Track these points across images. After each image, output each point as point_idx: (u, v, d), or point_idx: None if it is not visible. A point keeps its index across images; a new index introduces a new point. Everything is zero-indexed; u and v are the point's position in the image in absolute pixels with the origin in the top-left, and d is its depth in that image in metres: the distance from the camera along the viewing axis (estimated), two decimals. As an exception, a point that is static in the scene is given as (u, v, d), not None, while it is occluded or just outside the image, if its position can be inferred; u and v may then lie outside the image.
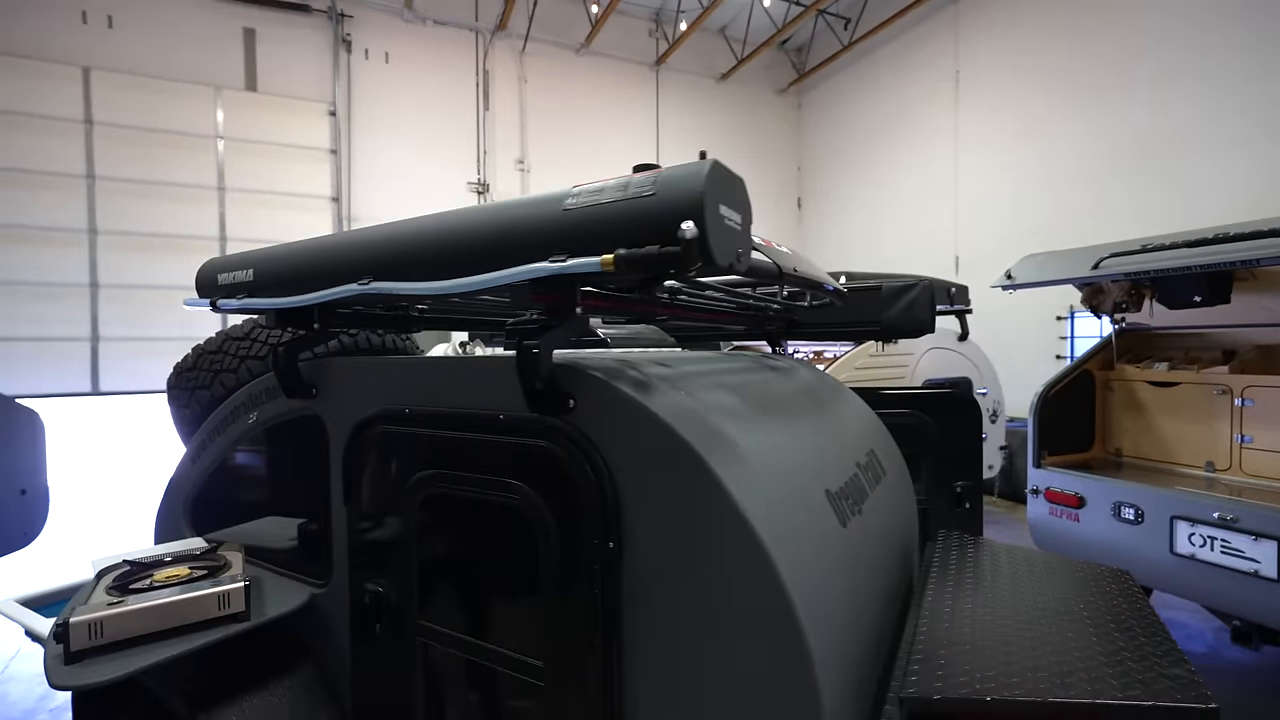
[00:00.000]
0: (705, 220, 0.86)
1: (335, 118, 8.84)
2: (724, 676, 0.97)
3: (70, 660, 1.23)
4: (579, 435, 1.09)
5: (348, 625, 1.47)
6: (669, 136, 11.20)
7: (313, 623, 1.60)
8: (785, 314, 2.22)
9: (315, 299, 1.34)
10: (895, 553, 1.56)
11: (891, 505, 1.67)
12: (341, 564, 1.52)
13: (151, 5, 8.00)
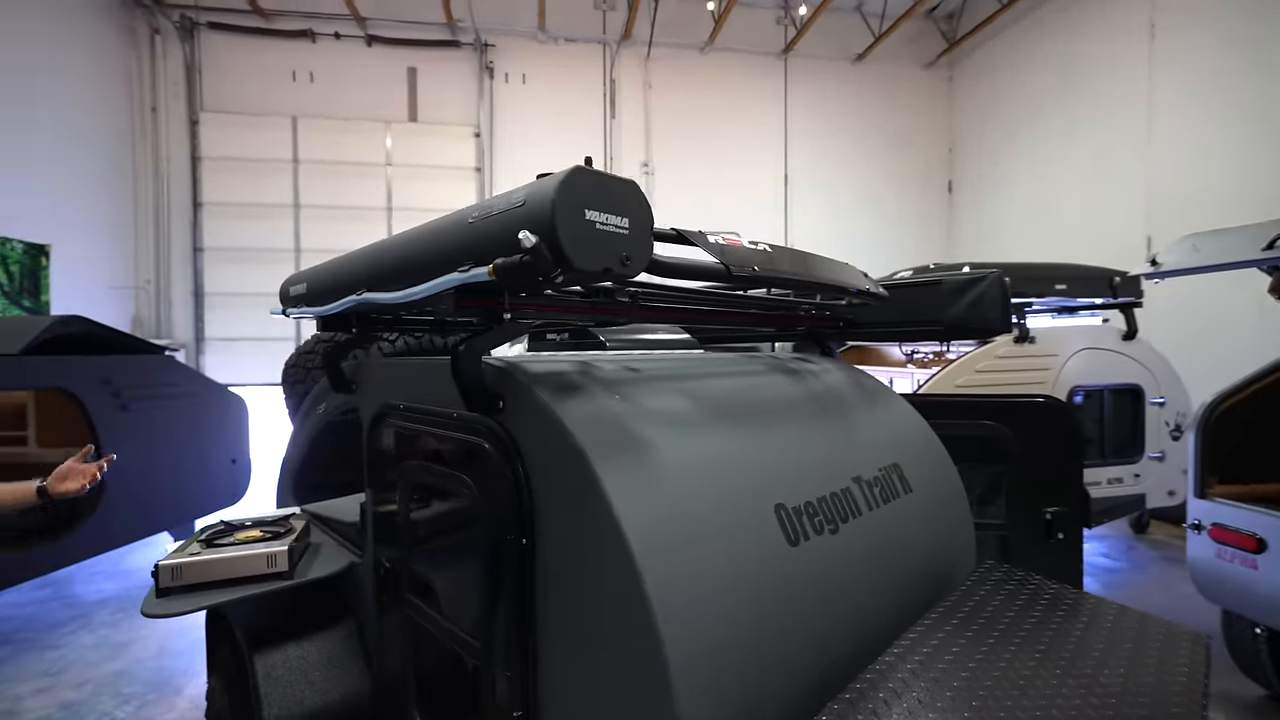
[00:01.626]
0: (557, 227, 0.87)
1: (479, 138, 9.79)
2: (605, 677, 0.97)
3: (159, 595, 1.57)
4: (505, 435, 1.15)
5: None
6: (799, 126, 10.75)
7: (353, 587, 1.84)
8: (832, 315, 2.07)
9: (332, 309, 1.56)
10: (897, 578, 1.40)
11: (908, 526, 1.49)
12: (369, 538, 1.74)
13: (340, 59, 9.51)
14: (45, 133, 7.47)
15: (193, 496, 4.59)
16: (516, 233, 0.94)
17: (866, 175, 10.96)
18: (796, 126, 10.74)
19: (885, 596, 1.34)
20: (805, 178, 10.74)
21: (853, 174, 10.89)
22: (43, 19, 7.46)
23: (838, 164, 10.85)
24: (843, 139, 10.85)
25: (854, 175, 10.90)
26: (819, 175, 10.77)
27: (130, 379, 4.18)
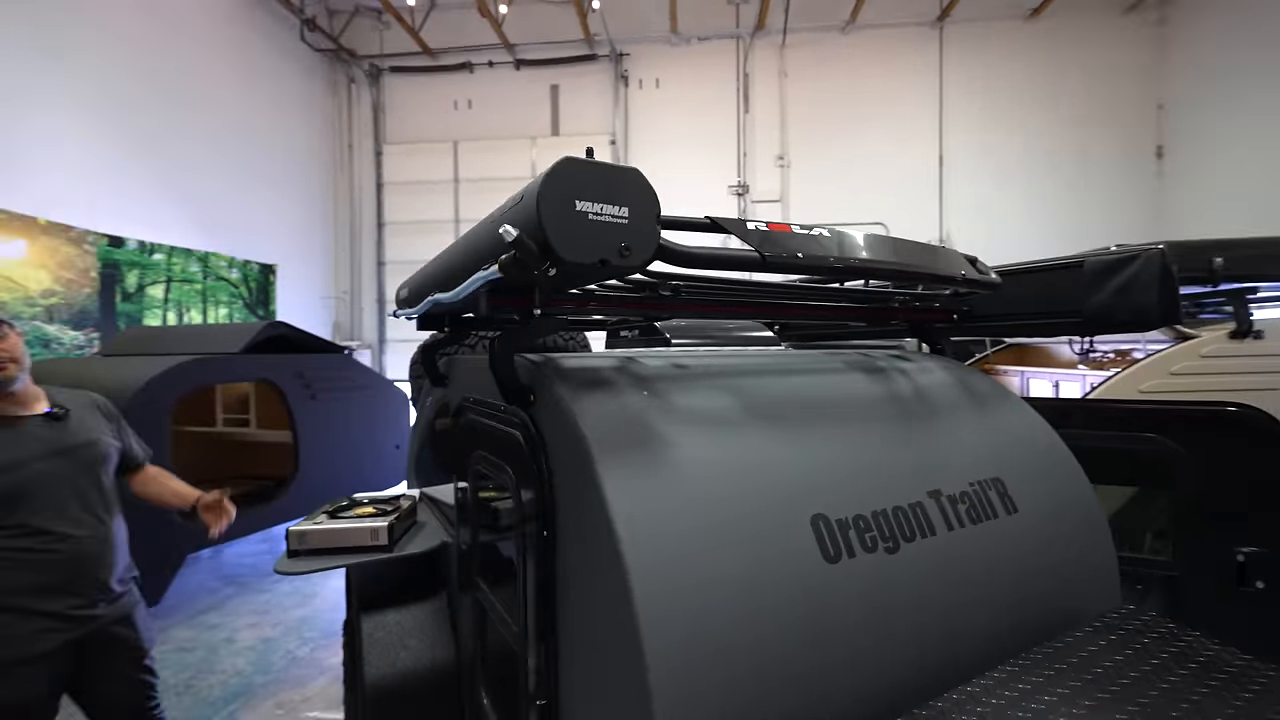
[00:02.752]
0: (542, 219, 0.87)
1: (615, 145, 10.16)
2: (601, 679, 0.95)
3: (289, 555, 1.84)
4: (534, 428, 1.18)
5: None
6: (956, 101, 9.65)
7: (446, 565, 2.01)
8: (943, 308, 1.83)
9: (417, 311, 1.71)
10: (982, 611, 1.19)
11: (1006, 552, 1.26)
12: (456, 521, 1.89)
13: (493, 85, 10.45)
14: (271, 174, 9.17)
15: (365, 474, 5.33)
16: (515, 230, 0.96)
17: (1043, 148, 9.50)
18: (953, 101, 9.65)
19: (961, 630, 1.14)
20: (964, 158, 9.61)
21: (1024, 148, 9.51)
22: (270, 81, 9.16)
23: (1005, 139, 9.55)
24: (1011, 110, 9.52)
25: (1026, 150, 9.51)
26: (980, 153, 9.57)
27: (318, 373, 4.97)
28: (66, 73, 6.13)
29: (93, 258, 6.26)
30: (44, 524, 1.80)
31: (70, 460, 1.89)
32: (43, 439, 1.86)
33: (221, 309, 7.98)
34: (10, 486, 1.76)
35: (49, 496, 1.82)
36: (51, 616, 1.79)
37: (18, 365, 1.83)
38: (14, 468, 1.77)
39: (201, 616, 4.11)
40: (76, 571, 1.84)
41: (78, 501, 1.88)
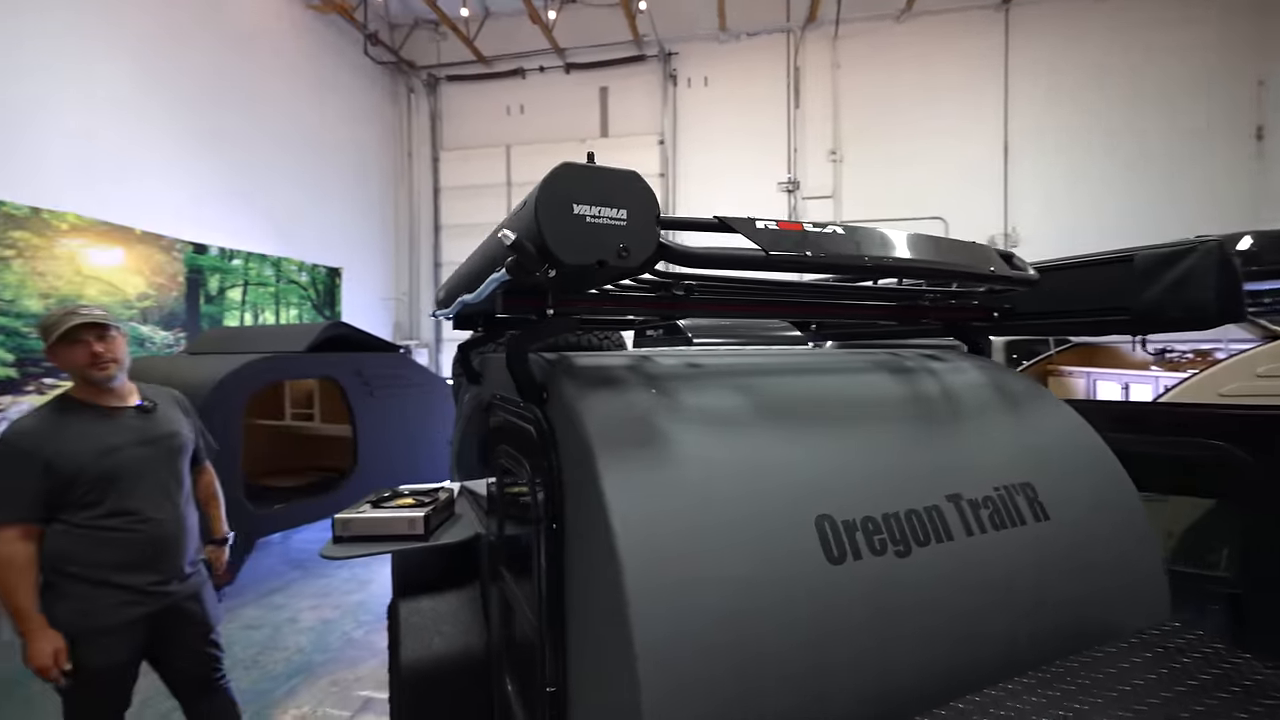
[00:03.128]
0: (540, 222, 0.90)
1: (663, 145, 10.18)
2: (600, 672, 0.97)
3: (335, 541, 1.96)
4: (546, 425, 1.22)
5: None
6: (1023, 88, 9.13)
7: (480, 556, 2.09)
8: (982, 305, 1.77)
9: (449, 311, 1.78)
10: (1001, 619, 1.14)
11: (1031, 560, 1.21)
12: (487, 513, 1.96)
13: (544, 89, 10.67)
14: (337, 182, 9.70)
15: (419, 467, 5.56)
16: (513, 234, 0.99)
17: (1122, 134, 8.84)
18: (1020, 88, 9.14)
19: (975, 637, 1.10)
20: (1031, 147, 9.08)
21: (1100, 135, 8.89)
22: (336, 94, 9.68)
23: (1077, 125, 8.96)
24: (1084, 94, 8.92)
25: (1102, 136, 8.89)
26: (1049, 142, 9.02)
27: (375, 371, 5.23)
28: (157, 94, 6.70)
29: (180, 264, 6.81)
30: (131, 505, 1.96)
31: (156, 449, 2.07)
32: (134, 428, 2.04)
33: (292, 310, 8.50)
34: (107, 469, 1.92)
35: (137, 480, 1.99)
36: (132, 590, 1.96)
37: (118, 365, 2.01)
38: (111, 452, 1.94)
39: (269, 597, 4.41)
40: (155, 551, 2.01)
41: (159, 487, 2.05)
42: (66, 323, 1.90)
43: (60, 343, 1.90)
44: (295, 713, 2.95)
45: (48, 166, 5.62)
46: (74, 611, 1.88)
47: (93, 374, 1.95)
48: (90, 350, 1.93)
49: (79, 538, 1.89)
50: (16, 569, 1.81)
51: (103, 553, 1.92)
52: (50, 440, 1.87)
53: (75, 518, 1.90)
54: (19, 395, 5.23)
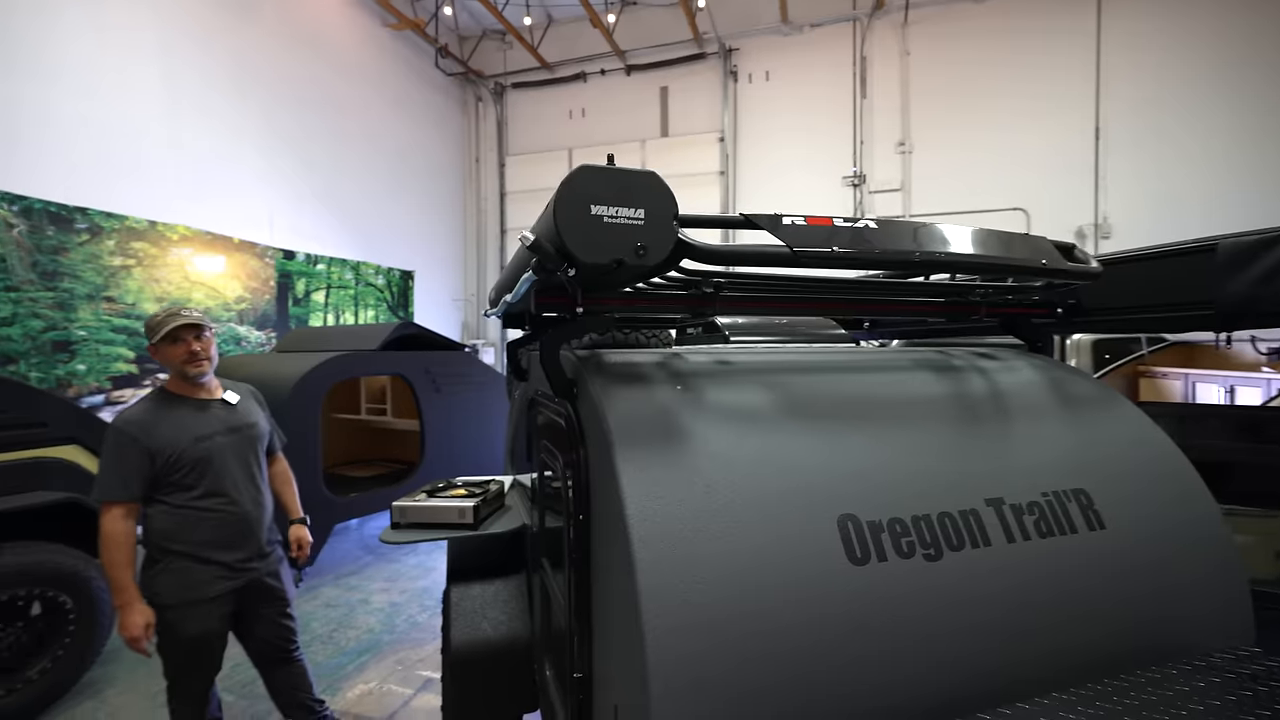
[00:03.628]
0: (558, 224, 0.94)
1: (723, 143, 10.09)
2: (621, 658, 1.00)
3: (392, 527, 2.09)
4: (576, 419, 1.26)
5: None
6: (1118, 64, 8.41)
7: (527, 545, 2.17)
8: (1043, 301, 1.67)
9: (496, 311, 1.86)
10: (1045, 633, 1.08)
11: (1082, 571, 1.14)
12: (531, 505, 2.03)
13: (605, 93, 10.81)
14: (411, 189, 10.22)
15: (482, 461, 5.79)
16: (532, 235, 1.03)
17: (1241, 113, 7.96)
18: (1115, 64, 8.43)
19: (1008, 648, 1.05)
20: (1127, 129, 8.36)
21: (1210, 111, 8.06)
22: (410, 105, 10.21)
23: (1184, 104, 8.16)
24: (1191, 68, 8.12)
25: (1215, 116, 8.05)
26: (1150, 123, 8.26)
27: (442, 369, 5.49)
28: (251, 112, 7.30)
29: (272, 269, 7.40)
30: (221, 488, 2.15)
31: (239, 438, 2.25)
32: (221, 419, 2.23)
33: (369, 311, 9.04)
34: (201, 454, 2.11)
35: (224, 466, 2.17)
36: (223, 566, 2.16)
37: (210, 362, 2.20)
38: (204, 440, 2.13)
39: (345, 579, 4.72)
40: (242, 530, 2.19)
41: (244, 472, 2.24)
42: (170, 323, 2.08)
43: (163, 341, 2.09)
44: (363, 687, 3.15)
45: (160, 182, 6.25)
46: (176, 584, 2.07)
47: (189, 370, 2.14)
48: (189, 348, 2.12)
49: (180, 518, 2.08)
50: (119, 544, 1.98)
51: (199, 531, 2.10)
52: (152, 428, 2.06)
53: (175, 499, 2.08)
54: (139, 389, 5.85)
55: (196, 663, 2.15)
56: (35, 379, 5.15)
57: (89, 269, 5.58)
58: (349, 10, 8.98)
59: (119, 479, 2.01)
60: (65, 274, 5.41)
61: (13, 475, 2.95)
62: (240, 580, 2.19)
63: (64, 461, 3.13)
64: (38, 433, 3.08)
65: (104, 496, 2.01)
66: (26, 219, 5.16)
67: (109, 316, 5.70)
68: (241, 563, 2.19)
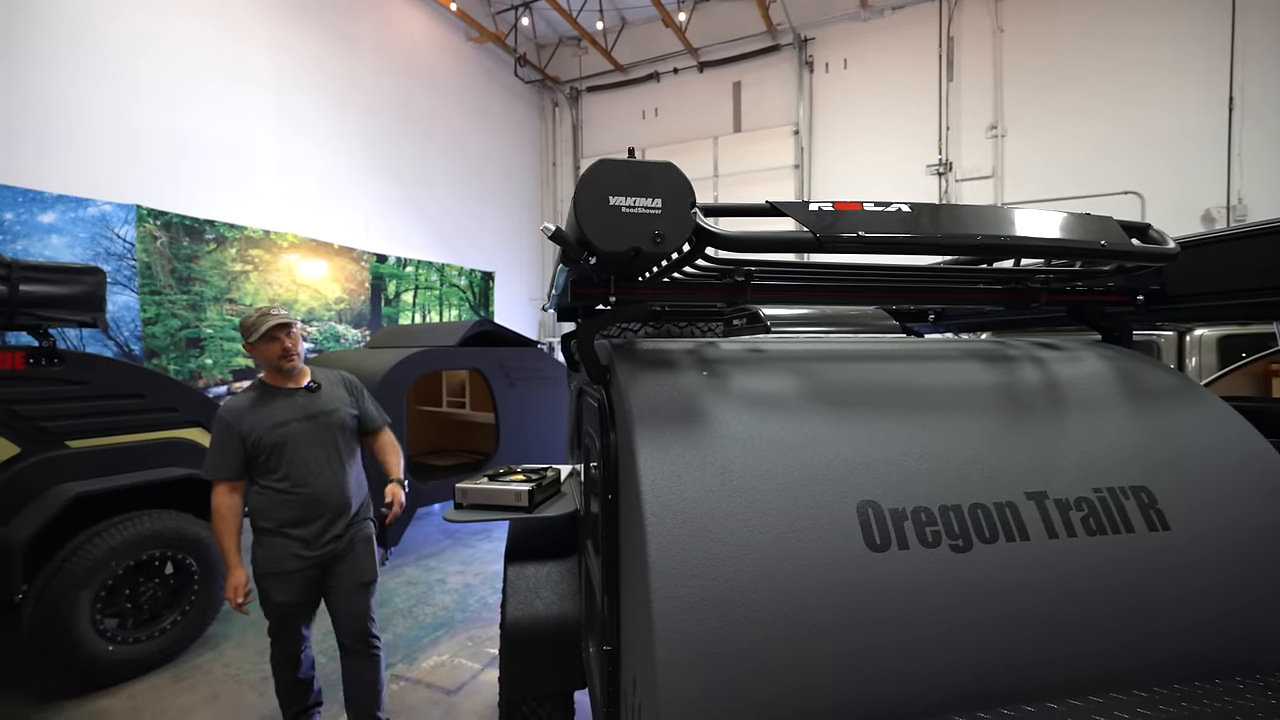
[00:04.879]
0: (578, 215, 0.99)
1: (798, 135, 9.84)
2: (637, 637, 1.04)
3: (456, 508, 2.24)
4: (608, 404, 1.31)
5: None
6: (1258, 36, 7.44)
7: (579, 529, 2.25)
8: (1118, 288, 1.55)
9: (551, 304, 1.96)
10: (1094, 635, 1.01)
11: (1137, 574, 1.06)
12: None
13: (678, 91, 10.85)
14: (492, 193, 10.72)
15: (552, 451, 6.01)
16: (552, 226, 1.09)
17: None
18: (1255, 26, 7.44)
19: (1050, 648, 0.99)
20: (1267, 100, 7.37)
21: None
22: (491, 114, 10.70)
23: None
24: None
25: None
26: (1295, 87, 7.24)
27: (515, 364, 5.75)
28: (349, 129, 7.95)
29: (366, 272, 8.02)
30: (295, 471, 2.31)
31: (315, 424, 2.39)
32: (299, 406, 2.39)
33: (453, 310, 9.58)
34: (278, 439, 2.29)
35: (298, 450, 2.33)
36: (299, 542, 2.30)
37: (299, 356, 2.41)
38: (279, 426, 2.31)
39: (425, 560, 5.06)
40: (315, 510, 2.34)
41: (319, 455, 2.36)
42: (265, 323, 2.28)
43: (261, 340, 2.30)
44: (437, 659, 3.38)
45: (272, 195, 6.94)
46: (264, 557, 2.31)
47: (283, 364, 2.35)
48: (283, 345, 2.33)
49: (266, 498, 2.31)
50: (222, 517, 2.25)
51: (279, 511, 2.30)
52: (243, 415, 2.29)
53: (262, 480, 2.32)
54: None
55: (283, 628, 2.37)
56: (173, 371, 5.88)
57: (215, 274, 6.30)
58: (436, 29, 9.55)
59: (221, 459, 2.27)
60: (196, 279, 6.14)
61: (151, 453, 3.41)
62: (317, 556, 2.34)
63: (190, 442, 3.57)
64: (170, 416, 3.54)
65: (211, 474, 2.29)
66: (167, 231, 5.90)
67: (231, 316, 6.40)
68: (318, 539, 2.35)
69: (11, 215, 4.87)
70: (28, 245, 4.95)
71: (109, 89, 5.54)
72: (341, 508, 2.42)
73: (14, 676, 3.14)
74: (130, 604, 3.14)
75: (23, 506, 2.94)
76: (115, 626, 3.07)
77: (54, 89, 5.17)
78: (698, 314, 2.13)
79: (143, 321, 5.72)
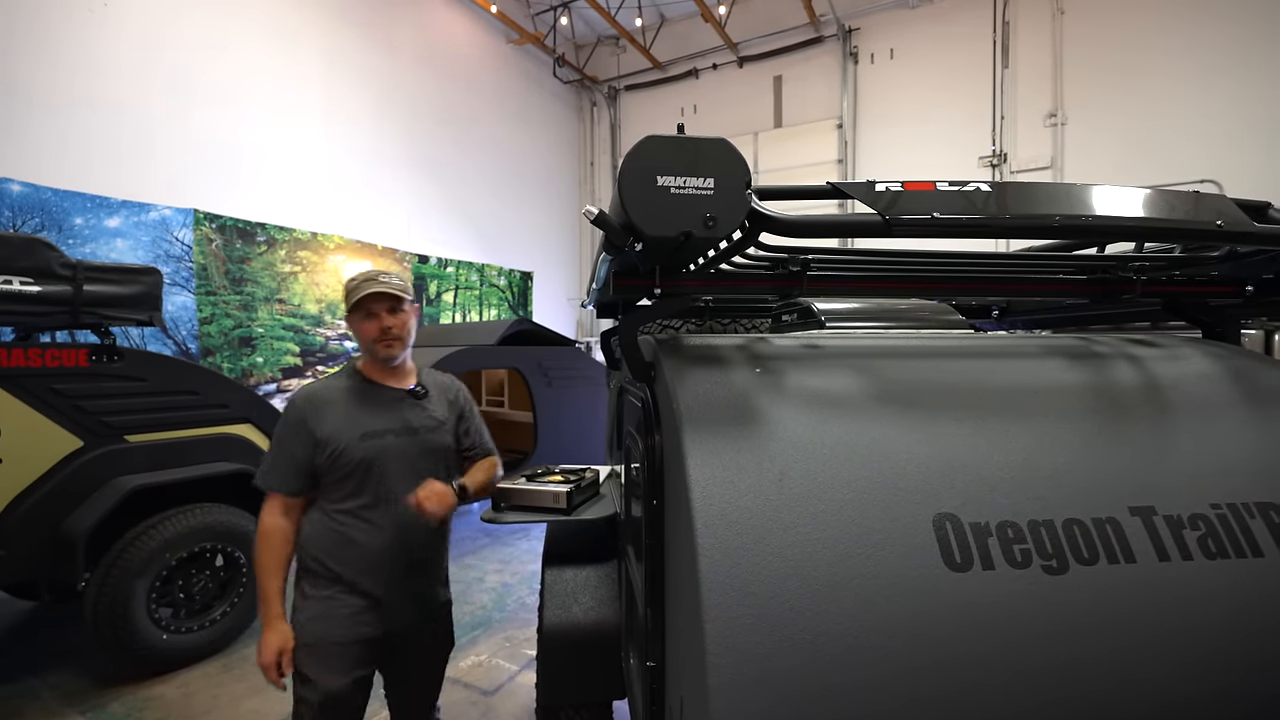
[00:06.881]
0: (624, 198, 0.91)
1: (841, 129, 9.57)
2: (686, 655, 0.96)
3: (494, 508, 2.20)
4: (652, 402, 1.23)
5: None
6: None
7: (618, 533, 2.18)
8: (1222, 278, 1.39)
9: (589, 301, 1.89)
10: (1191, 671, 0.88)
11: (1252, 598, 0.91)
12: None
13: (717, 87, 10.69)
14: (530, 194, 10.79)
15: (590, 450, 5.97)
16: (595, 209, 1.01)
17: None
18: (1346, -4, 6.84)
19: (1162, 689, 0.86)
20: (1364, 73, 6.76)
21: None
22: (529, 115, 10.77)
23: None
24: None
25: None
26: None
27: (552, 363, 5.73)
28: (392, 132, 8.11)
29: (409, 272, 8.16)
30: (382, 500, 1.72)
31: (415, 441, 1.80)
32: (399, 415, 1.79)
33: (493, 310, 9.68)
34: (365, 454, 1.69)
35: (387, 473, 1.72)
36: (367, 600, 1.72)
37: (403, 344, 1.77)
38: (374, 437, 1.72)
39: (463, 559, 5.09)
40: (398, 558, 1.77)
41: (414, 485, 1.71)
42: (363, 290, 1.69)
43: (355, 312, 1.73)
44: (474, 659, 3.37)
45: (319, 197, 7.13)
46: (311, 619, 1.67)
47: (379, 351, 1.73)
48: (381, 324, 1.71)
49: (331, 530, 1.69)
50: (270, 545, 1.65)
51: (347, 551, 1.68)
52: (323, 411, 1.69)
53: (331, 505, 1.70)
54: (301, 378, 6.72)
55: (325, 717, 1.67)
56: (226, 369, 6.09)
57: (266, 275, 6.50)
58: (476, 32, 9.66)
59: (284, 465, 1.68)
60: (248, 280, 6.34)
61: (203, 448, 3.51)
62: (389, 626, 1.74)
63: (240, 438, 3.66)
64: (222, 413, 3.63)
65: (267, 483, 1.69)
66: (221, 234, 6.12)
67: (280, 316, 6.60)
68: (394, 600, 1.74)
69: (81, 220, 5.12)
70: (95, 248, 5.19)
71: (171, 99, 5.78)
72: (430, 560, 1.90)
73: (76, 663, 3.27)
74: (183, 594, 3.23)
75: (84, 498, 3.05)
76: (169, 616, 3.16)
77: (121, 101, 5.42)
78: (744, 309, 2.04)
79: (199, 321, 5.94)
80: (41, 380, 2.97)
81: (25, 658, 3.33)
